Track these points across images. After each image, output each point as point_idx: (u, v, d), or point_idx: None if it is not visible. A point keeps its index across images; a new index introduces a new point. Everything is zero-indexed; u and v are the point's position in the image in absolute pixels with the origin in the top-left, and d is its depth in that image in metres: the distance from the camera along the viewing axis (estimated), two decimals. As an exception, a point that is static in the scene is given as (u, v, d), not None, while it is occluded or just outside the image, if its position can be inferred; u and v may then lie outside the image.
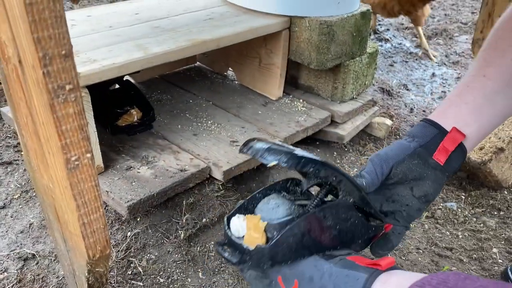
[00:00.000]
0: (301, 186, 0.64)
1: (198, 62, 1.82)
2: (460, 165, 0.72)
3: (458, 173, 1.49)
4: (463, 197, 1.38)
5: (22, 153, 1.39)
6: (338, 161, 1.49)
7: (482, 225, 1.28)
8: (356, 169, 1.47)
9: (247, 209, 0.66)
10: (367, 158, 1.52)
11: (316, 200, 0.60)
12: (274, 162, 0.57)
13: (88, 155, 0.54)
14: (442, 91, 2.11)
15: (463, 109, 0.70)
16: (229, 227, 0.62)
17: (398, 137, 1.67)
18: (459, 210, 1.32)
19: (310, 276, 0.53)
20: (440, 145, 0.70)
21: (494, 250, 1.19)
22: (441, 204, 1.34)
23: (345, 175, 0.60)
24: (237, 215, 0.62)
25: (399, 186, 0.70)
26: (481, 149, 1.36)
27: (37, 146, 0.61)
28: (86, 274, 0.68)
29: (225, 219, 0.63)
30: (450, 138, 0.70)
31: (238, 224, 0.63)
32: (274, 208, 0.62)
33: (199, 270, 1.07)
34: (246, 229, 0.61)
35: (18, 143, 1.43)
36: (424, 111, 1.91)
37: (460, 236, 1.24)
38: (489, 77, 0.69)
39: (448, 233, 1.25)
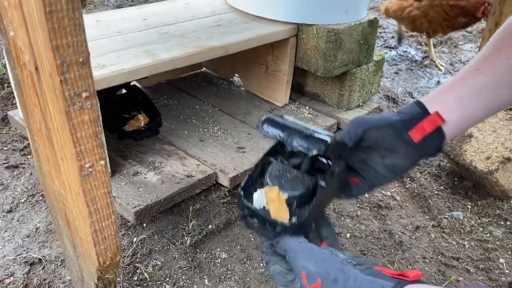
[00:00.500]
0: (287, 147, 0.70)
1: (204, 68, 1.82)
2: (436, 149, 0.76)
3: (464, 182, 1.48)
4: (470, 207, 1.38)
5: (29, 157, 1.39)
6: (344, 169, 1.48)
7: (488, 235, 1.27)
8: (362, 177, 1.47)
9: (256, 179, 0.72)
10: (373, 166, 1.52)
11: (328, 174, 0.68)
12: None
13: (102, 162, 0.55)
14: (447, 100, 2.10)
15: (450, 96, 0.75)
16: (248, 200, 0.68)
17: (403, 145, 1.67)
18: (466, 219, 1.32)
19: (334, 278, 0.53)
20: (418, 124, 0.74)
21: (501, 260, 1.19)
22: (447, 213, 1.34)
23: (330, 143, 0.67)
24: (258, 189, 0.68)
25: (372, 151, 0.76)
26: (487, 158, 1.36)
27: (50, 152, 0.61)
28: (96, 280, 0.68)
29: (240, 191, 0.68)
30: (430, 120, 0.74)
31: (258, 197, 0.68)
32: (284, 177, 0.70)
33: (205, 277, 1.07)
34: (267, 201, 0.68)
35: (25, 147, 1.44)
36: (429, 119, 1.91)
37: (467, 246, 1.23)
38: (481, 71, 0.73)
39: (454, 242, 1.24)
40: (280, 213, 0.68)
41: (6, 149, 1.42)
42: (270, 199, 0.69)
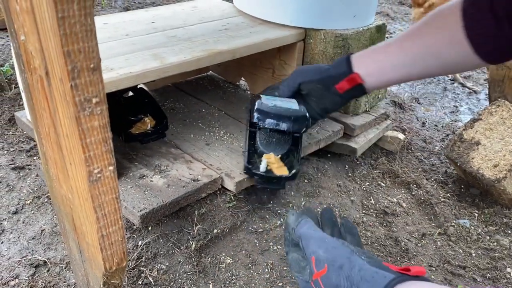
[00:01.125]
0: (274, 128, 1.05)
1: (210, 71, 1.82)
2: (360, 95, 1.02)
3: (471, 189, 1.47)
4: (476, 215, 1.37)
5: (36, 158, 1.39)
6: (350, 174, 1.48)
7: (495, 243, 1.26)
8: (368, 183, 1.46)
9: (252, 153, 1.06)
10: (379, 172, 1.51)
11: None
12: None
13: (111, 167, 0.54)
14: (454, 106, 2.10)
15: (373, 64, 0.96)
16: (255, 169, 1.03)
17: (410, 151, 1.66)
18: (472, 227, 1.31)
19: (340, 265, 0.57)
20: (343, 80, 0.98)
21: (508, 269, 1.18)
22: (454, 221, 1.33)
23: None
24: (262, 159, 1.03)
25: (308, 97, 1.03)
26: (495, 166, 1.35)
27: (58, 157, 0.61)
28: (101, 285, 0.68)
29: (247, 165, 1.05)
30: (351, 79, 0.97)
31: (262, 164, 1.01)
32: (271, 143, 1.05)
33: (210, 282, 1.07)
34: (268, 164, 1.02)
35: (31, 148, 1.44)
36: (436, 125, 1.90)
37: (474, 255, 1.22)
38: (404, 49, 0.91)
39: (461, 250, 1.23)
40: (281, 170, 1.02)
41: (12, 150, 1.43)
42: (270, 163, 1.01)
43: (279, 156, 1.03)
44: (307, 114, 1.05)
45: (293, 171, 1.03)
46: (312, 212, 0.72)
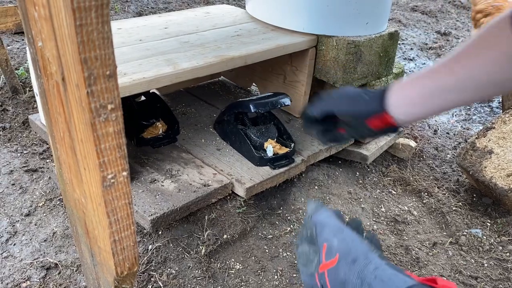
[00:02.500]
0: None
1: (222, 77, 1.83)
2: (393, 132, 0.90)
3: (483, 198, 1.46)
4: (489, 224, 1.35)
5: (48, 161, 1.40)
6: (361, 182, 1.47)
7: (508, 254, 1.24)
8: (378, 190, 1.45)
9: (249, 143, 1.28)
10: (390, 180, 1.50)
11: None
12: None
13: (124, 173, 0.55)
14: (466, 114, 2.08)
15: (414, 93, 0.82)
16: (266, 153, 1.25)
17: (422, 159, 1.65)
18: (485, 237, 1.29)
19: (354, 258, 0.52)
20: (374, 117, 0.86)
21: (521, 281, 1.16)
22: (466, 230, 1.31)
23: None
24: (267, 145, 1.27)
25: (343, 123, 0.94)
26: (508, 176, 1.34)
27: (72, 161, 0.62)
28: (112, 290, 0.68)
29: (260, 153, 1.27)
30: (383, 119, 0.85)
31: (268, 149, 1.26)
32: (265, 132, 1.30)
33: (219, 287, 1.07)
34: (273, 148, 1.25)
35: (44, 151, 1.46)
36: (447, 133, 1.88)
37: (486, 265, 1.21)
38: (455, 72, 0.77)
39: (473, 260, 1.22)
40: (283, 149, 1.28)
41: (26, 152, 1.44)
42: (274, 147, 1.26)
43: (275, 139, 1.29)
44: (275, 99, 1.26)
45: (292, 145, 1.29)
46: (339, 215, 0.65)
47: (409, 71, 2.49)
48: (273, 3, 1.47)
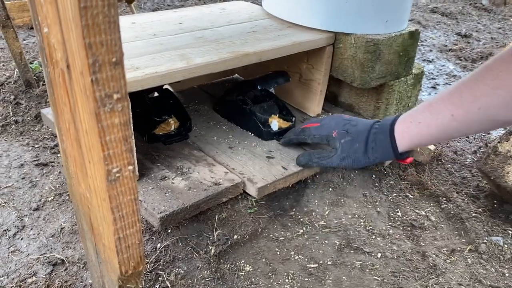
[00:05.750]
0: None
1: (236, 74, 1.80)
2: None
3: (504, 205, 1.40)
4: (510, 232, 1.29)
5: (59, 155, 1.39)
6: (377, 185, 1.43)
7: (530, 264, 1.19)
8: (395, 194, 1.41)
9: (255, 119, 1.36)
10: (407, 183, 1.46)
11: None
12: None
13: (130, 167, 0.52)
14: (487, 117, 2.01)
15: (421, 133, 0.95)
16: (272, 129, 1.34)
17: (440, 162, 1.60)
18: (506, 245, 1.24)
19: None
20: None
21: (544, 292, 1.11)
22: (486, 238, 1.26)
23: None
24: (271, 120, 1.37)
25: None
26: (532, 182, 1.28)
27: (77, 154, 0.59)
28: (117, 289, 0.65)
29: (266, 129, 1.35)
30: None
31: (272, 124, 1.35)
32: (268, 110, 1.39)
33: (228, 289, 1.04)
34: (277, 123, 1.35)
35: (55, 145, 1.44)
36: (467, 136, 1.83)
37: (507, 275, 1.15)
38: (456, 118, 0.85)
39: (493, 270, 1.17)
40: (286, 123, 1.37)
41: (37, 146, 1.43)
42: (277, 121, 1.36)
43: (277, 115, 1.39)
44: (276, 76, 1.40)
45: (294, 119, 1.39)
46: None
47: (428, 72, 2.43)
48: (290, -1, 1.43)
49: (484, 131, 0.93)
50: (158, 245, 1.09)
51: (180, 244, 1.10)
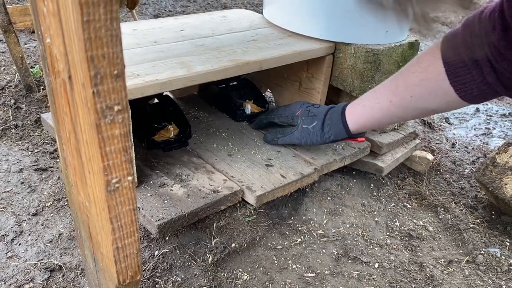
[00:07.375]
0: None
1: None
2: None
3: (502, 216, 1.40)
4: (508, 244, 1.30)
5: (58, 160, 1.39)
6: (375, 194, 1.43)
7: (528, 276, 1.19)
8: (393, 204, 1.41)
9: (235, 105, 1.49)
10: (405, 193, 1.46)
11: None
12: None
13: (130, 178, 0.52)
14: (486, 128, 2.02)
15: (365, 114, 1.08)
16: (245, 112, 1.46)
17: (439, 172, 1.60)
18: (503, 257, 1.24)
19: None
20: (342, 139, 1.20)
21: (541, 305, 1.11)
22: (483, 249, 1.26)
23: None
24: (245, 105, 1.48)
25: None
26: (530, 194, 1.28)
27: (77, 163, 0.60)
28: (114, 298, 0.65)
29: (240, 111, 1.47)
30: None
31: (246, 108, 1.46)
32: (243, 95, 1.51)
33: (225, 298, 1.04)
34: (250, 108, 1.47)
35: (55, 150, 1.45)
36: (466, 147, 1.83)
37: (504, 286, 1.16)
38: (393, 103, 0.96)
39: (490, 281, 1.17)
40: (258, 109, 1.49)
41: (36, 151, 1.43)
42: (251, 106, 1.48)
43: (252, 101, 1.50)
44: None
45: (267, 106, 1.51)
46: None
47: (428, 82, 2.44)
48: (290, 9, 1.44)
49: (421, 117, 1.05)
50: (156, 253, 1.09)
51: (177, 251, 1.10)
